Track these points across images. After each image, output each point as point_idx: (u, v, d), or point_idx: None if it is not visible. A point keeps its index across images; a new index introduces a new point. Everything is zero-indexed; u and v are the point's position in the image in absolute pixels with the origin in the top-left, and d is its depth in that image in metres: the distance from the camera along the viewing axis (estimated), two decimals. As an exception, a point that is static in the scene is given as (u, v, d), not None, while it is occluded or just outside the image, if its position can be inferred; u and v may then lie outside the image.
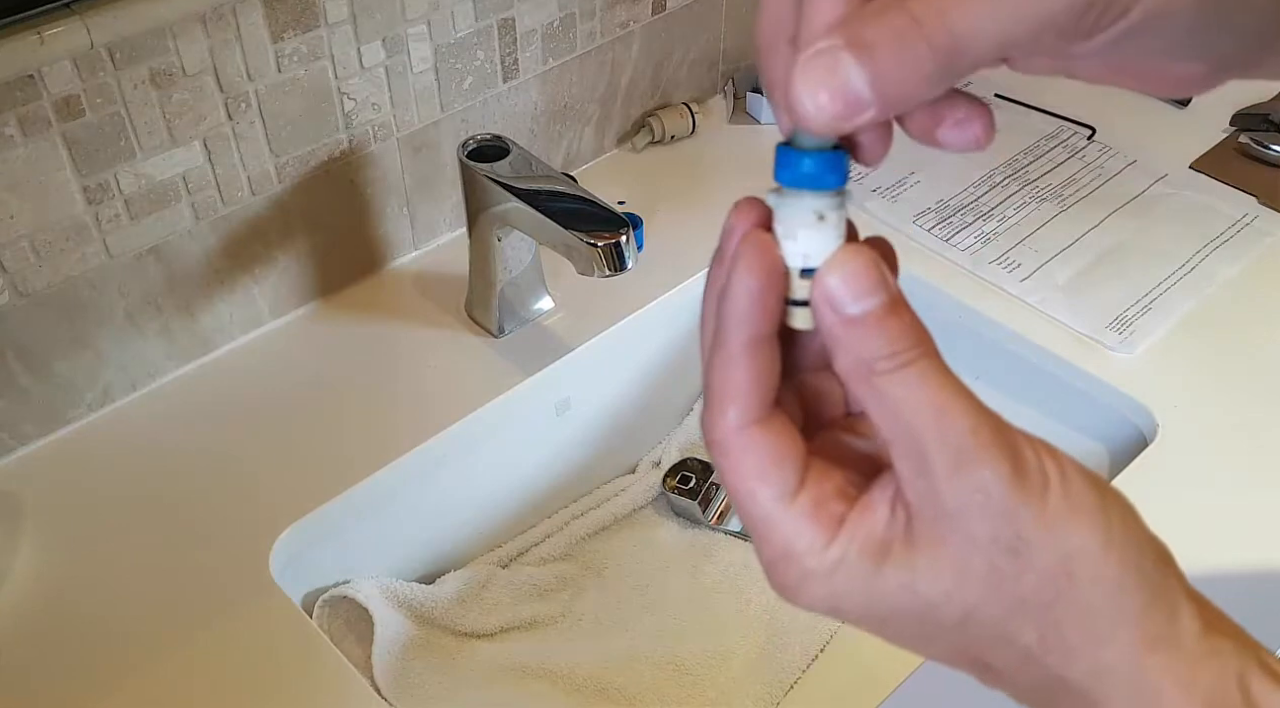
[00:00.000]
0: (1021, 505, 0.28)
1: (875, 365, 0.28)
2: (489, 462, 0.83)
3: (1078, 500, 0.28)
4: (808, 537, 0.29)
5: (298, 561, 0.72)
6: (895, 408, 0.28)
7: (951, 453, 0.27)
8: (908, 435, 0.28)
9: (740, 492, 0.30)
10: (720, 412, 0.30)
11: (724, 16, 1.01)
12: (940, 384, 0.28)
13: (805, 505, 0.29)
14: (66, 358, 0.73)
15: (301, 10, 0.72)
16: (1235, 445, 0.76)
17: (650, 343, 0.91)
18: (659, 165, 0.99)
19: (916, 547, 0.29)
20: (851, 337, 0.28)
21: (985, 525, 0.28)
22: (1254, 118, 1.03)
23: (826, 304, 0.29)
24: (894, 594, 0.29)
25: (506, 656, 0.79)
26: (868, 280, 0.28)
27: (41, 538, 0.70)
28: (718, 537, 0.88)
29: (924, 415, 0.28)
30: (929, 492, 0.28)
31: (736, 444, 0.30)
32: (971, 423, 0.28)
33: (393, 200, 0.86)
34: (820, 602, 0.30)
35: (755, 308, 0.29)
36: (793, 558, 0.29)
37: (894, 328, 0.28)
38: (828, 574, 0.29)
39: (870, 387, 0.28)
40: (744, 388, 0.30)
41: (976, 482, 0.27)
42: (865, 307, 0.28)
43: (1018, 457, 0.28)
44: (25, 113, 0.64)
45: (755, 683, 0.78)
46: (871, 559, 0.29)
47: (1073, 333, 0.84)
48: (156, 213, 0.73)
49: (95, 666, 0.64)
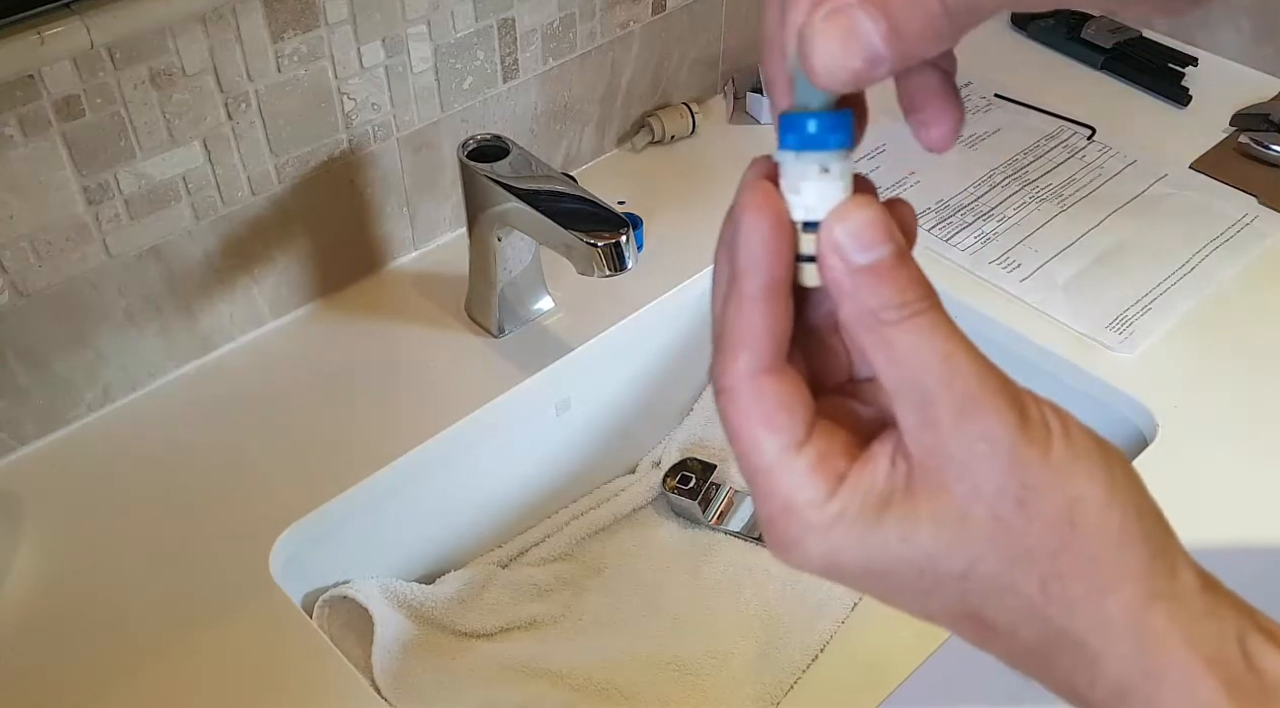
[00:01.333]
0: (1027, 454, 0.27)
1: (883, 315, 0.28)
2: (489, 462, 0.83)
3: (1081, 450, 0.28)
4: (810, 490, 0.29)
5: (298, 561, 0.72)
6: (902, 357, 0.28)
7: (958, 401, 0.27)
8: (913, 384, 0.28)
9: (746, 440, 0.30)
10: (732, 357, 0.30)
11: (724, 16, 1.01)
12: (948, 334, 0.28)
13: (810, 457, 0.29)
14: (66, 358, 0.73)
15: (301, 10, 0.72)
16: (1235, 445, 0.76)
17: (650, 343, 0.91)
18: (659, 165, 0.99)
19: (917, 497, 0.28)
20: (859, 286, 0.28)
21: (991, 475, 0.27)
22: (1254, 118, 1.03)
23: (834, 253, 0.28)
24: (894, 547, 0.28)
25: (506, 656, 0.79)
26: (876, 231, 0.28)
27: (41, 538, 0.70)
28: (718, 537, 0.88)
29: (931, 364, 0.28)
30: (934, 441, 0.28)
31: (747, 390, 0.29)
32: (978, 371, 0.28)
33: (393, 200, 0.86)
34: (818, 559, 0.29)
35: (768, 253, 0.29)
36: (794, 512, 0.29)
37: (903, 278, 0.28)
38: (827, 529, 0.29)
39: (877, 336, 0.28)
40: (758, 334, 0.29)
41: (982, 429, 0.27)
42: (873, 256, 0.28)
43: (1023, 407, 0.28)
44: (25, 113, 0.64)
45: (755, 683, 0.78)
46: (872, 512, 0.29)
47: (1073, 333, 0.84)
48: (156, 213, 0.73)
49: (95, 665, 0.64)
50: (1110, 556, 0.28)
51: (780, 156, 0.30)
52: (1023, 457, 0.27)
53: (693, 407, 0.96)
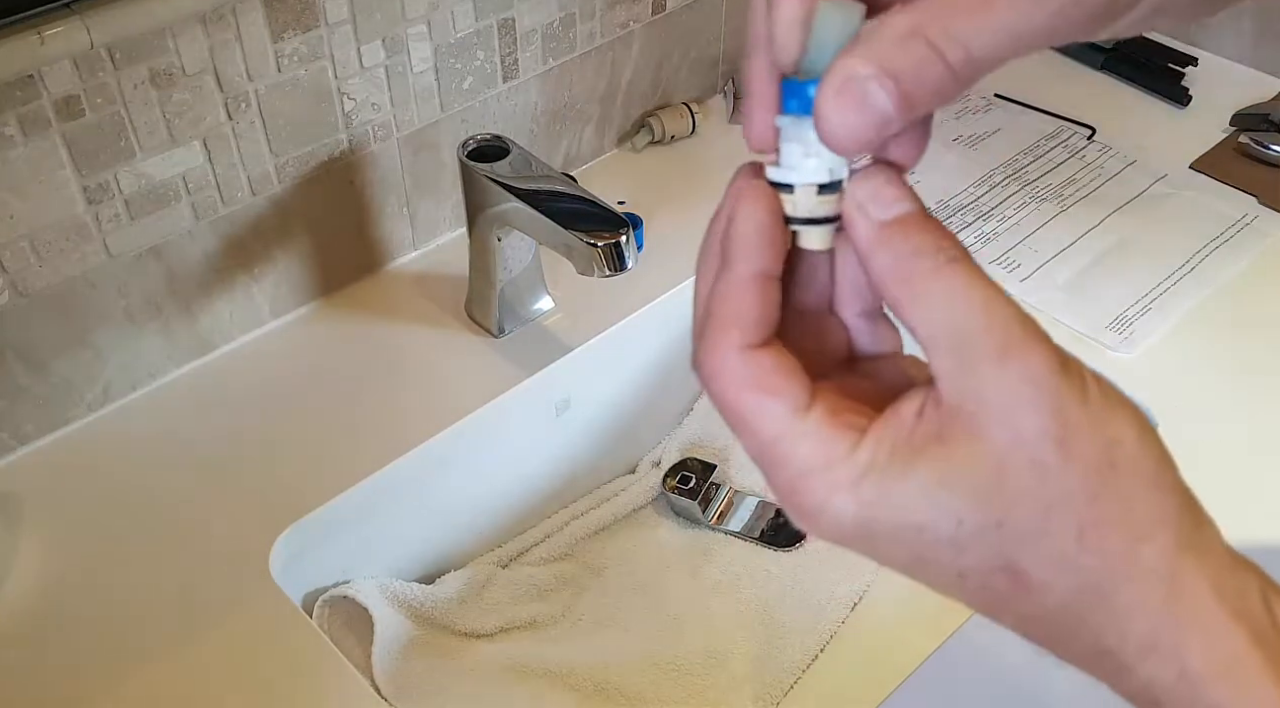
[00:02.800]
0: (1069, 394, 0.27)
1: (919, 263, 0.28)
2: (489, 462, 0.83)
3: (1112, 394, 0.28)
4: (828, 446, 0.28)
5: (298, 561, 0.72)
6: (940, 303, 0.28)
7: (999, 343, 0.27)
8: (952, 330, 0.27)
9: (746, 412, 0.29)
10: (723, 333, 0.29)
11: (724, 16, 1.01)
12: (985, 282, 0.28)
13: (821, 415, 0.28)
14: (66, 358, 0.73)
15: (301, 10, 0.72)
16: (1235, 445, 0.76)
17: (650, 343, 0.91)
18: (659, 165, 0.99)
19: (953, 443, 0.28)
20: (893, 237, 0.28)
21: (1034, 416, 0.27)
22: (1254, 118, 1.03)
23: (860, 211, 0.29)
24: (931, 495, 0.28)
25: (506, 656, 0.79)
26: (900, 187, 0.29)
27: (41, 538, 0.70)
28: (718, 537, 0.88)
29: (971, 308, 0.27)
30: (974, 386, 0.27)
31: (739, 362, 0.29)
32: (1019, 316, 0.28)
33: (393, 200, 0.86)
34: (849, 520, 0.28)
35: (762, 239, 0.30)
36: (814, 473, 0.28)
37: (935, 227, 0.29)
38: (855, 483, 0.28)
39: (911, 287, 0.28)
40: (751, 313, 0.29)
41: (1025, 370, 0.27)
42: (900, 210, 0.29)
43: (1060, 350, 0.28)
44: (25, 113, 0.64)
45: (755, 683, 0.78)
46: (904, 459, 0.28)
47: (1073, 333, 0.84)
48: (156, 213, 0.73)
49: (95, 665, 0.64)
50: (1146, 499, 0.28)
51: (781, 122, 0.30)
52: (1064, 397, 0.27)
53: (693, 407, 0.96)
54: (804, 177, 0.30)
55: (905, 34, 0.26)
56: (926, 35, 0.26)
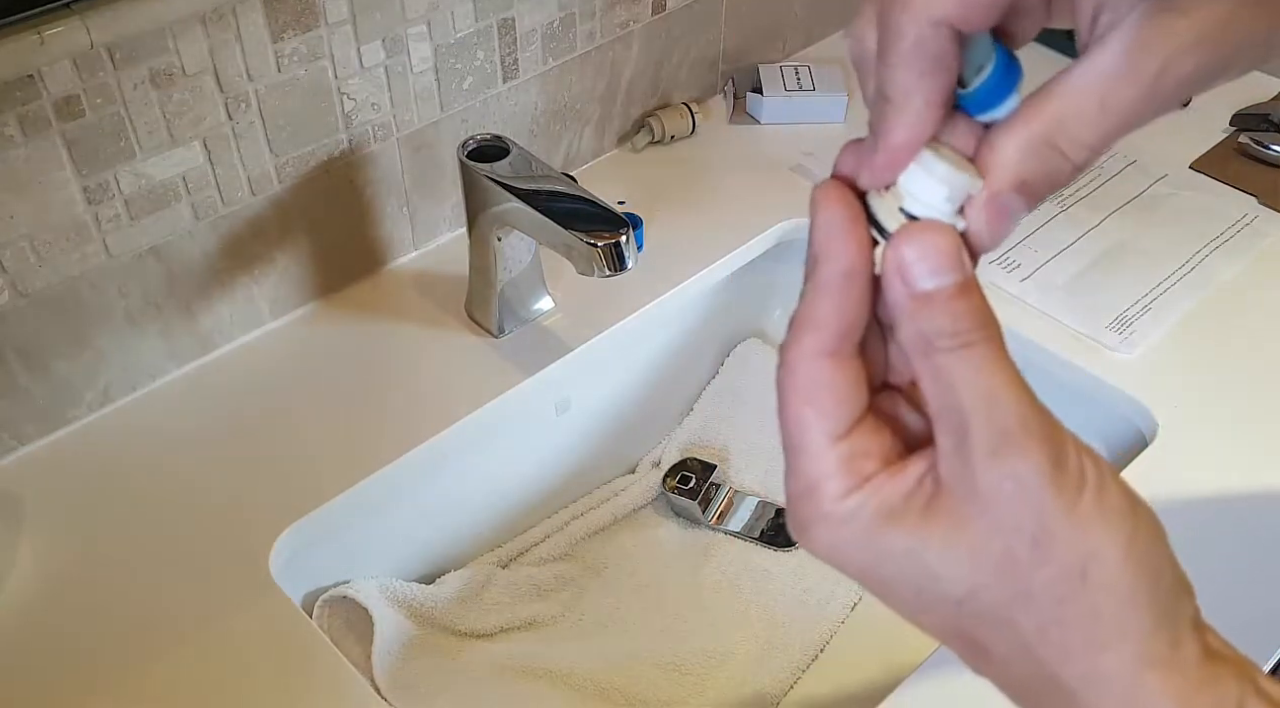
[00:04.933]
0: (1054, 499, 0.28)
1: (936, 342, 0.28)
2: (489, 462, 0.83)
3: (1110, 507, 0.28)
4: (833, 482, 0.30)
5: (298, 560, 0.72)
6: (948, 384, 0.28)
7: (994, 436, 0.28)
8: (955, 412, 0.28)
9: (791, 416, 0.31)
10: (798, 335, 0.31)
11: (724, 16, 1.01)
12: (997, 369, 0.28)
13: (843, 452, 0.30)
14: (66, 358, 0.73)
15: (301, 10, 0.72)
16: (1235, 445, 0.76)
17: (650, 343, 0.91)
18: (659, 165, 0.99)
19: (934, 519, 0.29)
20: (918, 310, 0.29)
21: (1013, 514, 0.28)
22: (1254, 118, 1.03)
23: (897, 274, 0.29)
24: (897, 558, 0.29)
25: (506, 656, 0.79)
26: (942, 258, 0.29)
27: (41, 538, 0.70)
28: (718, 537, 0.88)
29: (975, 396, 0.28)
30: (963, 471, 0.28)
31: (803, 368, 0.30)
32: (1021, 412, 0.28)
33: (393, 200, 0.86)
34: (824, 548, 0.30)
35: (839, 241, 0.30)
36: (814, 497, 0.30)
37: (961, 308, 0.29)
38: (838, 524, 0.30)
39: (928, 360, 0.29)
40: (826, 318, 0.30)
41: (1012, 469, 0.28)
42: (937, 283, 0.29)
43: (1061, 452, 0.28)
44: (25, 113, 0.64)
45: (755, 683, 0.78)
46: (882, 520, 0.29)
47: (1073, 333, 0.84)
48: (156, 213, 0.73)
49: (95, 665, 0.64)
50: (1113, 614, 0.28)
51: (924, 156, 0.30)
52: (1048, 503, 0.28)
53: (693, 407, 0.96)
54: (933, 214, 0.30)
55: (1038, 144, 0.28)
56: (1058, 144, 0.28)
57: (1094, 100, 0.28)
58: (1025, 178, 0.29)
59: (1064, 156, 0.29)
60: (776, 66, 1.06)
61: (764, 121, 1.03)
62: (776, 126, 1.03)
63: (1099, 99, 0.28)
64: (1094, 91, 0.28)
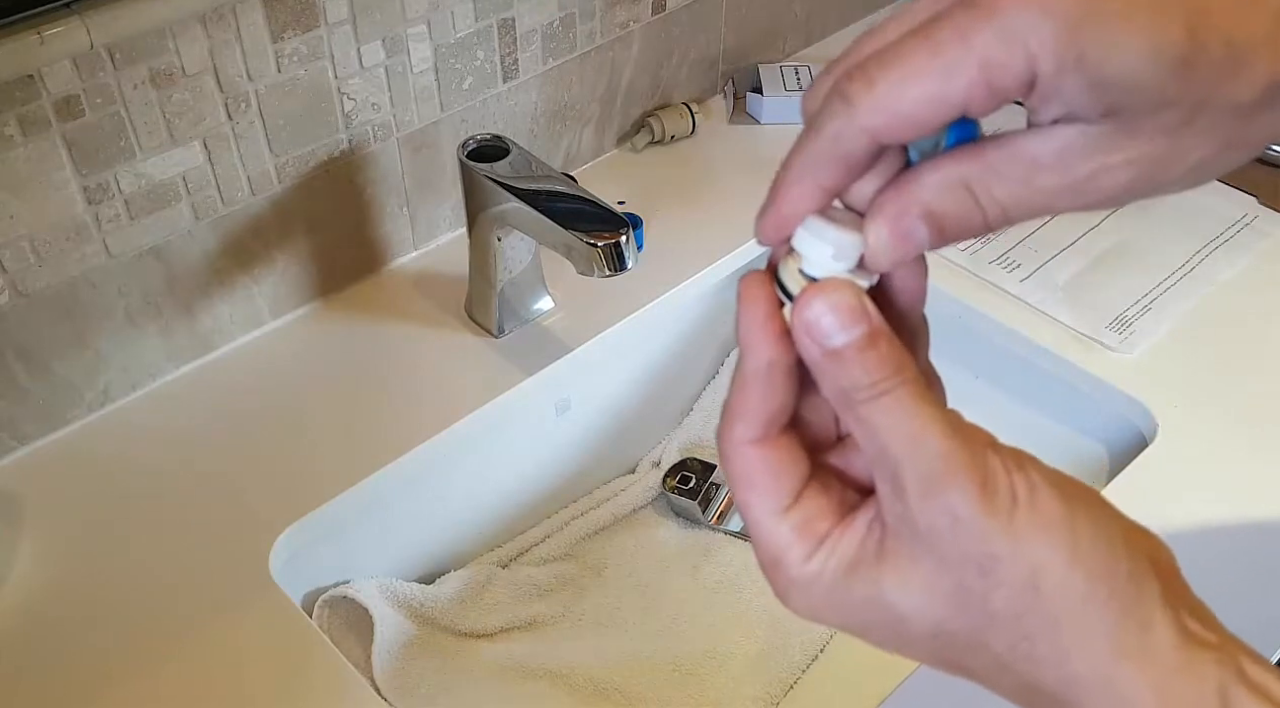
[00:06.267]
0: (989, 526, 0.29)
1: (854, 395, 0.30)
2: (489, 462, 0.83)
3: (1045, 517, 0.29)
4: (794, 550, 0.32)
5: (298, 560, 0.72)
6: (873, 433, 0.30)
7: (922, 477, 0.29)
8: (885, 460, 0.30)
9: (740, 501, 0.33)
10: (729, 425, 0.33)
11: (724, 16, 1.01)
12: (914, 412, 0.29)
13: (794, 521, 0.32)
14: (66, 358, 0.73)
15: (301, 10, 0.72)
16: (1235, 445, 0.76)
17: (650, 343, 0.91)
18: (659, 165, 0.99)
19: (885, 564, 0.30)
20: (831, 367, 0.30)
21: (956, 546, 0.29)
22: (1254, 118, 1.03)
23: (806, 335, 0.30)
24: (865, 607, 0.31)
25: (506, 656, 0.79)
26: (846, 314, 0.30)
27: (41, 538, 0.70)
28: (718, 537, 0.88)
29: (898, 441, 0.29)
30: (903, 513, 0.30)
31: (737, 457, 0.32)
32: (943, 448, 0.29)
33: (393, 200, 0.86)
34: (803, 610, 0.32)
35: (759, 337, 0.31)
36: (781, 567, 0.32)
37: (871, 359, 0.30)
38: (807, 585, 0.32)
39: (852, 413, 0.30)
40: (750, 408, 0.32)
41: (944, 505, 0.29)
42: (842, 339, 0.30)
43: (986, 478, 0.29)
44: (25, 113, 0.64)
45: (755, 683, 0.78)
46: (844, 574, 0.31)
47: (1073, 333, 0.84)
48: (156, 213, 0.73)
49: (95, 665, 0.64)
50: (1074, 617, 0.29)
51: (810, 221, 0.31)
52: (985, 529, 0.29)
53: (693, 407, 0.96)
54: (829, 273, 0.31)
55: (955, 183, 0.29)
56: (974, 191, 0.29)
57: (1021, 170, 0.29)
58: (934, 209, 0.29)
59: (977, 205, 0.29)
60: (776, 66, 1.06)
61: (764, 121, 1.03)
62: (776, 126, 1.03)
63: (1026, 173, 0.29)
64: (1024, 165, 0.29)
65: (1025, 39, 0.26)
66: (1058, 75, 0.26)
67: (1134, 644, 0.29)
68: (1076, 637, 0.29)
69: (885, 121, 0.28)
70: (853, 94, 0.28)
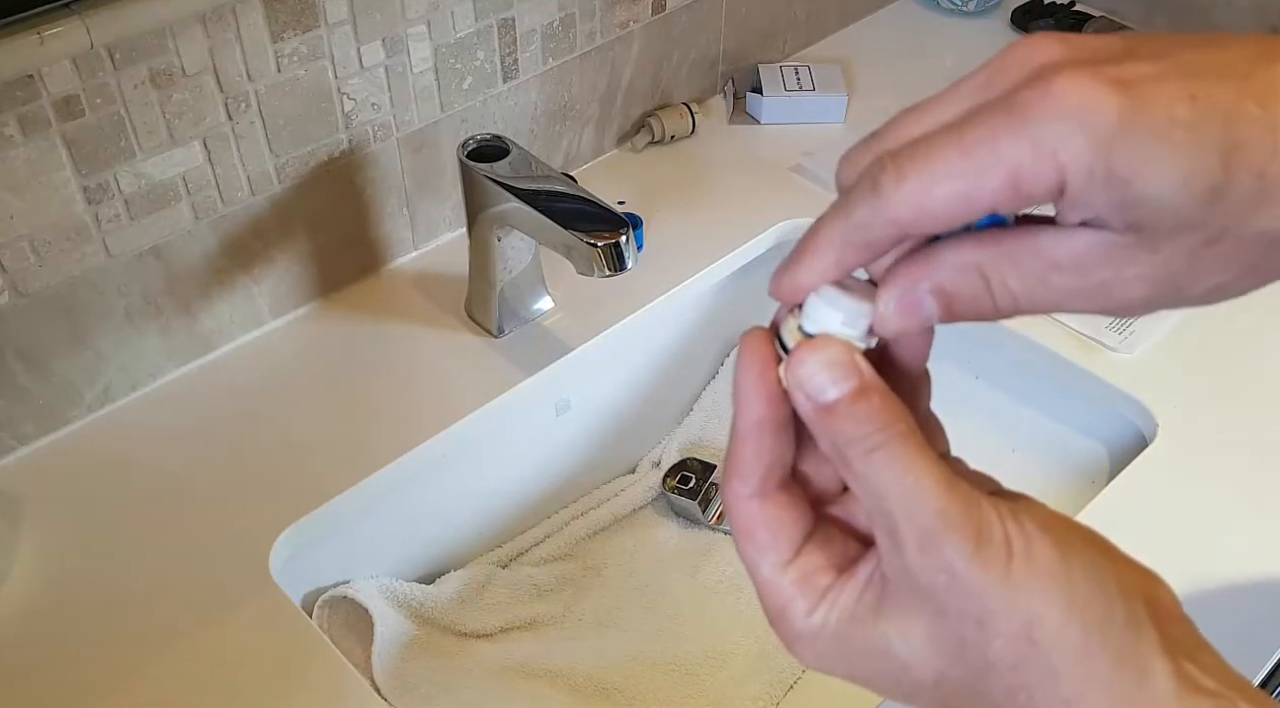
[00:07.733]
0: (984, 578, 0.29)
1: (847, 450, 0.30)
2: (489, 462, 0.83)
3: (1040, 568, 0.29)
4: (797, 604, 0.32)
5: (298, 560, 0.72)
6: (869, 488, 0.30)
7: (917, 534, 0.29)
8: (882, 514, 0.30)
9: (743, 554, 0.33)
10: (728, 481, 0.33)
11: (724, 16, 1.01)
12: (908, 466, 0.30)
13: (795, 575, 0.32)
14: (66, 358, 0.73)
15: (301, 10, 0.72)
16: (1235, 445, 0.76)
17: (650, 343, 0.91)
18: (659, 165, 0.99)
19: (887, 616, 0.31)
20: (823, 422, 0.30)
21: (952, 601, 0.29)
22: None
23: (799, 390, 0.31)
24: (869, 657, 0.31)
25: (506, 656, 0.79)
26: (837, 369, 0.30)
27: (41, 538, 0.70)
28: (718, 537, 0.88)
29: (893, 497, 0.30)
30: (902, 566, 0.30)
31: (738, 512, 0.33)
32: (938, 504, 0.29)
33: (393, 200, 0.86)
34: (811, 661, 0.33)
35: (755, 395, 0.32)
36: (785, 620, 0.33)
37: (862, 412, 0.30)
38: (812, 638, 0.32)
39: (848, 468, 0.30)
40: (750, 464, 0.32)
41: (941, 561, 0.29)
42: (832, 395, 0.30)
43: (983, 530, 0.29)
44: (25, 113, 0.64)
45: (755, 683, 0.78)
46: (846, 626, 0.32)
47: (1073, 333, 0.84)
48: (156, 213, 0.73)
49: (95, 665, 0.64)
50: (1070, 668, 0.29)
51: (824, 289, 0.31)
52: (980, 583, 0.29)
53: (693, 407, 0.96)
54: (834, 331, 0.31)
55: (971, 267, 0.30)
56: (988, 277, 0.29)
57: (1038, 267, 0.29)
58: (946, 288, 0.30)
59: (989, 291, 0.30)
60: (776, 66, 1.06)
61: (764, 121, 1.03)
62: (776, 126, 1.03)
63: (1042, 271, 0.29)
64: (1042, 262, 0.29)
65: (1056, 149, 0.26)
66: (1086, 188, 0.27)
67: (1130, 695, 0.29)
68: (1074, 688, 0.29)
69: (913, 217, 0.28)
70: (883, 185, 0.28)
